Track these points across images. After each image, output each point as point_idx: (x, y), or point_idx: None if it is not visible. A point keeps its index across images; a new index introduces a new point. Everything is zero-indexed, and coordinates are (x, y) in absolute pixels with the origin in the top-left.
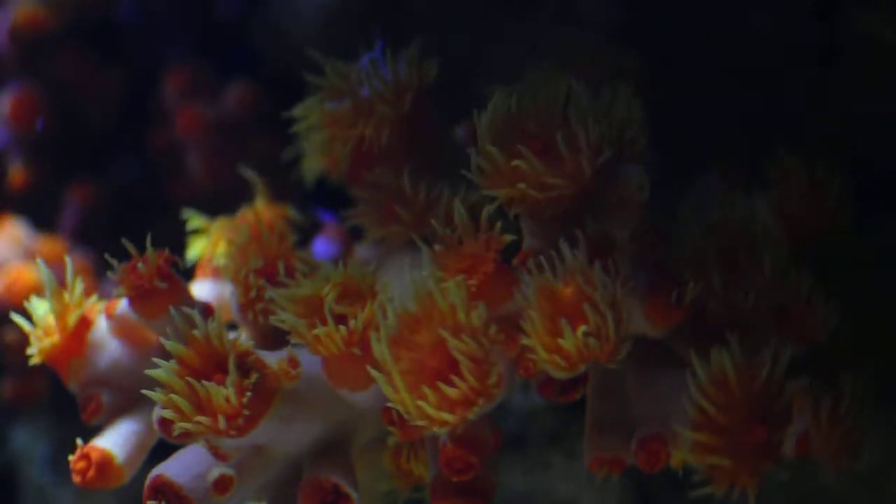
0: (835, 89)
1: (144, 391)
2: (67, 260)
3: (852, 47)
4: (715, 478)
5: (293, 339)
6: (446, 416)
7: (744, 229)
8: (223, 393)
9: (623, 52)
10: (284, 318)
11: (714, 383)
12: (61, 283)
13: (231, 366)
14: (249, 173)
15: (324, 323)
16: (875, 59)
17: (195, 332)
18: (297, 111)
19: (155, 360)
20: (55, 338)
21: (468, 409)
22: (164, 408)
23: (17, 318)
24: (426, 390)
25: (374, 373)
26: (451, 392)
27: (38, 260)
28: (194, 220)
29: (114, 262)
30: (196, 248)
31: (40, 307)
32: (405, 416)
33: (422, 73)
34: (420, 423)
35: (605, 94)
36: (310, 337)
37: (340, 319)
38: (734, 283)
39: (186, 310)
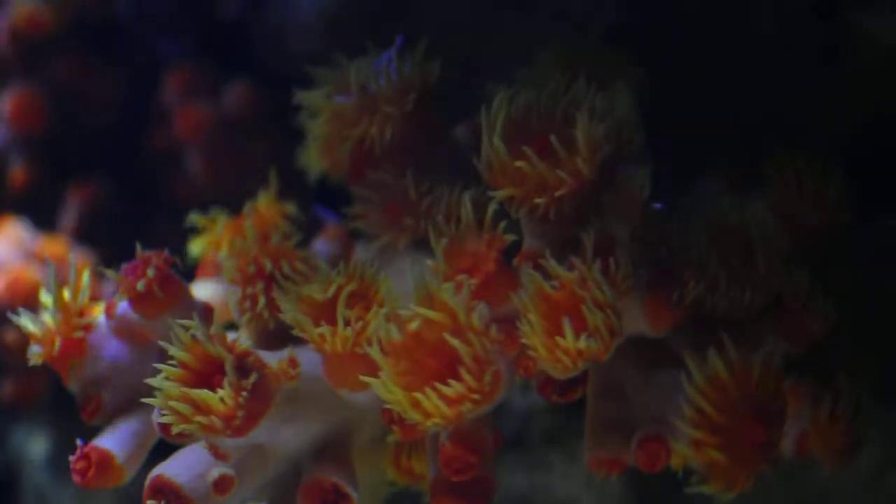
0: (835, 89)
1: (144, 399)
2: (71, 259)
3: (852, 47)
4: (711, 477)
5: (296, 332)
6: (444, 411)
7: (742, 229)
8: (218, 397)
9: (621, 51)
10: (290, 315)
11: (710, 383)
12: (64, 284)
13: (228, 368)
14: (264, 167)
15: (330, 322)
16: (875, 59)
17: (195, 336)
18: (304, 98)
19: (155, 365)
20: (56, 339)
21: (463, 404)
22: (162, 413)
23: (19, 319)
24: (425, 389)
25: (367, 379)
26: (449, 391)
27: (48, 262)
28: (196, 219)
29: (111, 270)
30: (197, 248)
31: (41, 307)
32: (402, 414)
33: (425, 73)
34: (416, 417)
35: (603, 94)
36: (315, 335)
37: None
38: (731, 282)
39: (183, 322)
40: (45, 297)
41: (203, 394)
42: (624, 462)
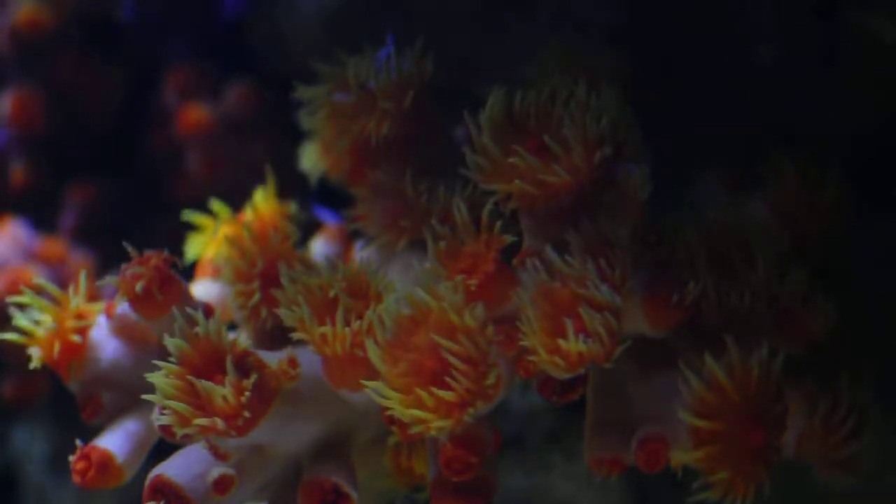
0: (835, 89)
1: (145, 396)
2: (47, 286)
3: (852, 47)
4: (712, 482)
5: (297, 336)
6: (441, 424)
7: (740, 229)
8: (221, 392)
9: (620, 52)
10: (290, 315)
11: (709, 389)
12: (64, 284)
13: (228, 366)
14: (264, 167)
15: (332, 320)
16: (875, 59)
17: (196, 331)
18: (305, 93)
19: (155, 362)
20: (56, 342)
21: (464, 411)
22: (162, 413)
23: (16, 326)
24: (422, 393)
25: (366, 384)
26: (447, 395)
27: (25, 289)
28: (195, 218)
29: (115, 263)
30: (196, 247)
31: (38, 311)
32: (402, 419)
33: (423, 70)
34: (417, 429)
35: (600, 94)
36: (316, 335)
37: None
38: (730, 283)
39: (188, 310)
40: (43, 299)
41: (207, 385)
42: (624, 462)
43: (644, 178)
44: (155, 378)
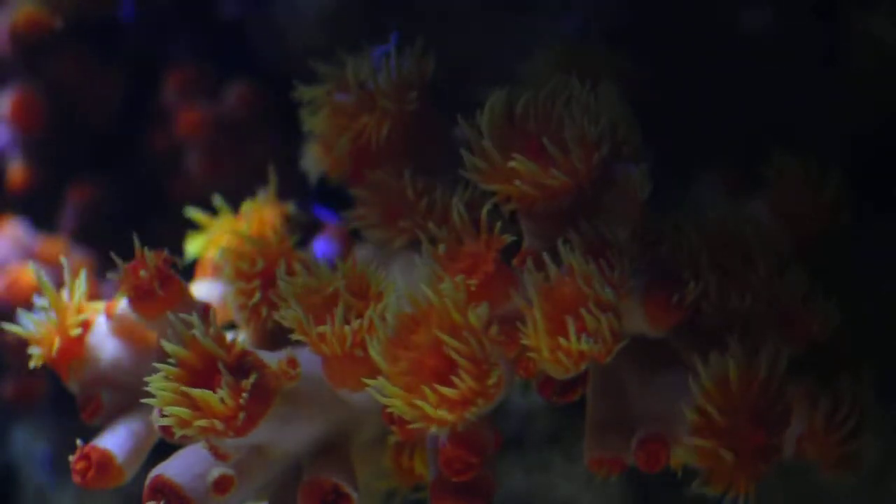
0: (835, 89)
1: (144, 400)
2: (66, 260)
3: (852, 47)
4: (713, 480)
5: (295, 336)
6: (444, 415)
7: (740, 230)
8: (218, 397)
9: (620, 52)
10: (289, 315)
11: (716, 386)
12: (62, 283)
13: (222, 368)
14: (264, 167)
15: (331, 319)
16: (875, 59)
17: (194, 334)
18: (305, 93)
19: (154, 364)
20: (55, 340)
21: (466, 409)
22: (162, 415)
23: (15, 324)
24: (425, 390)
25: (368, 382)
26: (450, 393)
27: (32, 264)
28: (195, 216)
29: (114, 263)
30: (195, 246)
31: (39, 309)
32: (402, 416)
33: (423, 70)
34: (418, 425)
35: (599, 94)
36: (314, 335)
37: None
38: (731, 283)
39: (183, 315)
40: (42, 298)
41: (203, 394)
42: (624, 462)
43: (643, 178)
44: (154, 381)
